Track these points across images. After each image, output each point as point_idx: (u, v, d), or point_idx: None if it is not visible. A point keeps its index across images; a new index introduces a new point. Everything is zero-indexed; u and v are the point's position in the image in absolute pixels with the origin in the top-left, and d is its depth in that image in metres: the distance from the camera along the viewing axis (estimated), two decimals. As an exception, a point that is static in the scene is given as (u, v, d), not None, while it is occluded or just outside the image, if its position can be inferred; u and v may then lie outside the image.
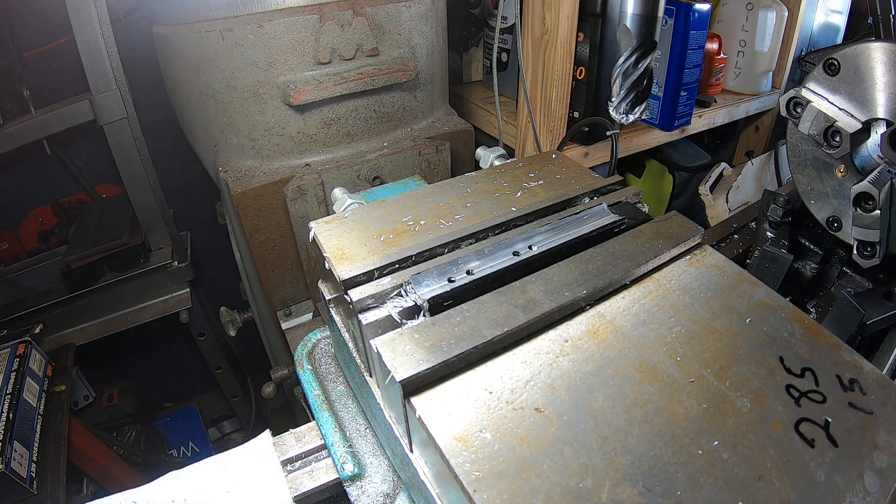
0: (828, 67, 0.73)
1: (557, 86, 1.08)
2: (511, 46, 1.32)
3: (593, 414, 0.42)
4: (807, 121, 0.75)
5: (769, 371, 0.47)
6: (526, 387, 0.44)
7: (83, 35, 1.16)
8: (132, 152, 1.34)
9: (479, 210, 0.64)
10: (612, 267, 0.54)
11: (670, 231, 0.59)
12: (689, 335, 0.49)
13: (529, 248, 0.59)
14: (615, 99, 0.84)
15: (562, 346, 0.48)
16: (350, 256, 0.56)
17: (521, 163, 0.75)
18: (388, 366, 0.43)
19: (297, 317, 1.18)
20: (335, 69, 0.99)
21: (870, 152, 0.73)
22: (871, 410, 0.45)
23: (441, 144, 1.13)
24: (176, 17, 0.98)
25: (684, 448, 0.40)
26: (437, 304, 0.51)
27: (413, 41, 1.06)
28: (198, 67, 0.97)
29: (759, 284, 0.55)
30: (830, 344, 0.50)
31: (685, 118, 1.34)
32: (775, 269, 0.82)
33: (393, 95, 1.08)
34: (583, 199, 0.67)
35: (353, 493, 0.60)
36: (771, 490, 0.39)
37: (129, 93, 1.27)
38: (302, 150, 1.05)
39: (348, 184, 1.05)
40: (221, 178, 1.04)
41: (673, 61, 1.23)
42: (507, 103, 1.35)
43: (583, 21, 1.06)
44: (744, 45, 1.49)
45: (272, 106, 0.99)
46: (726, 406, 0.44)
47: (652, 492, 0.38)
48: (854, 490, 0.40)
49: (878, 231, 0.70)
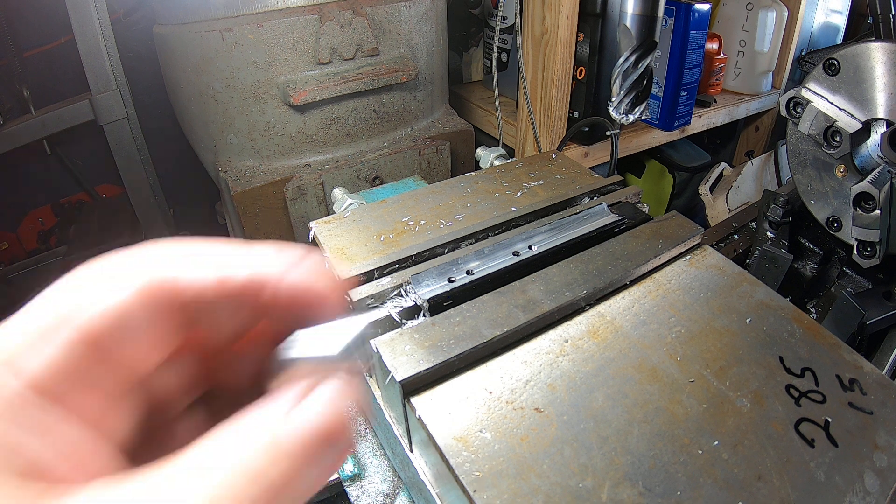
0: (828, 67, 0.73)
1: (557, 86, 1.08)
2: (511, 46, 1.32)
3: (593, 414, 0.42)
4: (807, 121, 0.75)
5: (769, 371, 0.47)
6: (526, 387, 0.44)
7: (83, 35, 1.16)
8: (132, 152, 1.33)
9: (479, 210, 0.64)
10: (612, 267, 0.54)
11: (670, 231, 0.59)
12: (689, 335, 0.49)
13: (529, 248, 0.59)
14: (615, 99, 0.84)
15: (562, 346, 0.48)
16: (350, 256, 0.56)
17: (521, 163, 0.75)
18: (388, 366, 0.43)
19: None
20: (335, 69, 0.99)
21: (870, 152, 0.73)
22: (871, 410, 0.45)
23: (441, 144, 1.13)
24: (176, 17, 0.98)
25: (684, 448, 0.41)
26: (437, 304, 0.51)
27: (413, 41, 1.06)
28: (198, 67, 0.97)
29: (759, 284, 0.55)
30: (830, 344, 0.50)
31: (685, 118, 1.34)
32: (775, 269, 0.82)
33: (393, 95, 1.08)
34: (583, 199, 0.67)
35: (353, 493, 0.60)
36: (771, 490, 0.39)
37: (129, 93, 1.27)
38: (302, 150, 1.05)
39: (348, 184, 1.05)
40: (221, 178, 1.04)
41: (673, 61, 1.23)
42: (507, 103, 1.35)
43: (583, 21, 1.05)
44: (744, 45, 1.49)
45: (272, 106, 0.99)
46: (726, 406, 0.44)
47: (652, 492, 0.38)
48: (854, 490, 0.40)
49: (878, 231, 0.70)
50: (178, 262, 0.21)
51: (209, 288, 0.21)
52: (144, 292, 0.20)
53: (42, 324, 0.19)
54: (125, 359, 0.20)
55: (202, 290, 0.21)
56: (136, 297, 0.20)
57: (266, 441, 0.18)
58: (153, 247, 0.21)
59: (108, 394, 0.20)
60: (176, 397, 0.25)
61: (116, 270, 0.21)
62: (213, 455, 0.18)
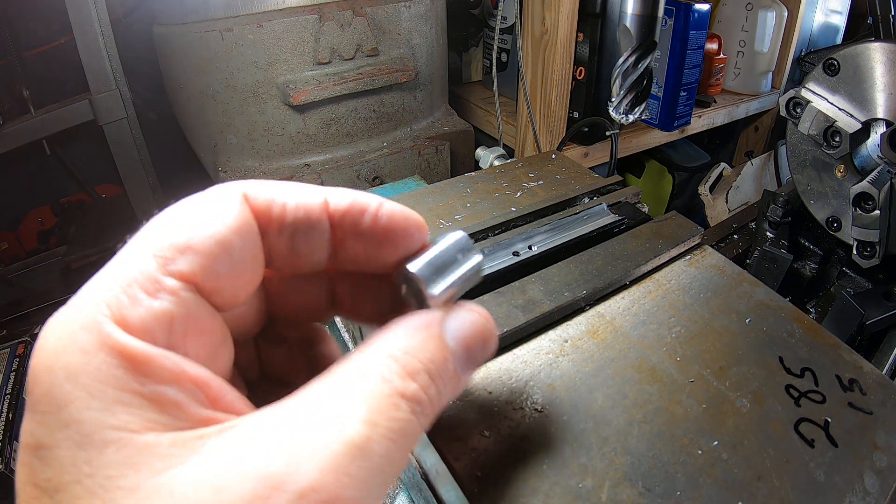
0: (827, 67, 0.73)
1: (557, 86, 1.08)
2: (511, 46, 1.32)
3: (593, 414, 0.42)
4: (806, 121, 0.75)
5: (769, 371, 0.47)
6: (526, 387, 0.44)
7: (83, 35, 1.16)
8: (132, 152, 1.33)
9: (478, 210, 0.64)
10: (612, 267, 0.54)
11: (670, 231, 0.59)
12: (688, 335, 0.49)
13: (529, 248, 0.59)
14: (615, 99, 0.84)
15: (562, 347, 0.48)
16: (350, 256, 0.56)
17: (521, 163, 0.75)
18: (388, 366, 0.43)
19: (297, 317, 1.18)
20: (335, 69, 0.99)
21: (869, 152, 0.73)
22: (870, 410, 0.45)
23: (441, 144, 1.13)
24: (176, 17, 0.98)
25: (684, 448, 0.41)
26: (436, 304, 0.51)
27: (413, 41, 1.06)
28: (198, 67, 0.97)
29: (758, 284, 0.55)
30: (830, 344, 0.50)
31: (685, 118, 1.34)
32: (775, 269, 0.82)
33: (393, 95, 1.08)
34: (582, 199, 0.67)
35: (353, 494, 0.60)
36: (771, 490, 0.39)
37: (129, 93, 1.27)
38: (302, 150, 1.05)
39: (348, 184, 1.05)
40: (221, 178, 1.04)
41: (673, 61, 1.23)
42: (507, 103, 1.35)
43: (583, 21, 1.05)
44: (743, 46, 1.49)
45: (272, 106, 0.99)
46: (726, 406, 0.44)
47: (651, 492, 0.38)
48: (854, 490, 0.40)
49: (877, 231, 0.70)
50: (277, 189, 0.22)
51: (315, 209, 0.22)
52: (246, 216, 0.20)
53: (145, 270, 0.18)
54: (228, 294, 0.20)
55: (309, 211, 0.22)
56: (242, 222, 0.20)
57: (435, 333, 0.21)
58: (246, 182, 0.22)
59: (216, 333, 0.20)
60: (248, 329, 0.25)
61: (219, 196, 0.21)
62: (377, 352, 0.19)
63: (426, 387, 0.19)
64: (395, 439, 0.17)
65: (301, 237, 0.22)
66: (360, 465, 0.16)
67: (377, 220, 0.23)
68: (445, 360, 0.20)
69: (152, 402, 0.16)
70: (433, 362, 0.20)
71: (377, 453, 0.17)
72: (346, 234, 0.23)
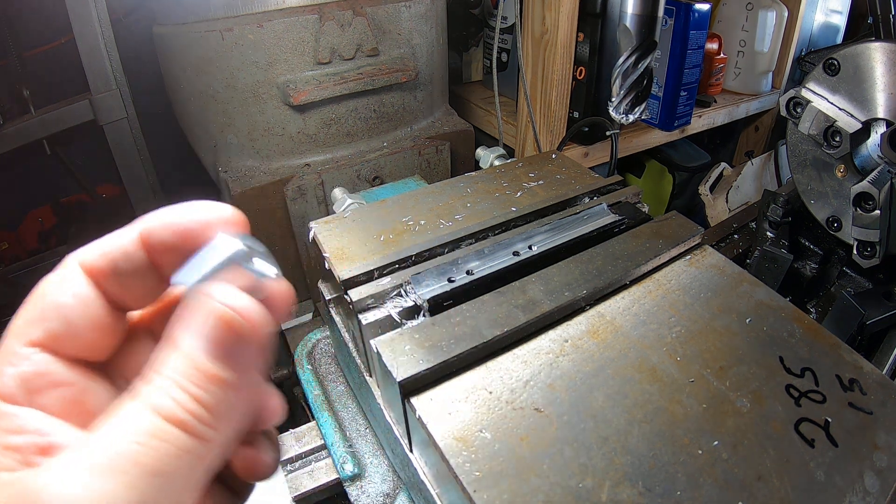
0: (828, 67, 0.73)
1: (557, 86, 1.08)
2: (511, 46, 1.32)
3: (593, 414, 0.42)
4: (806, 121, 0.75)
5: (769, 371, 0.47)
6: (526, 387, 0.44)
7: (83, 35, 1.16)
8: (132, 152, 1.33)
9: (479, 210, 0.64)
10: (612, 267, 0.54)
11: (670, 231, 0.59)
12: (689, 335, 0.49)
13: (529, 248, 0.59)
14: (615, 99, 0.84)
15: (562, 346, 0.48)
16: (350, 256, 0.56)
17: (521, 163, 0.75)
18: (388, 366, 0.43)
19: (297, 317, 1.18)
20: (335, 69, 0.99)
21: (870, 152, 0.73)
22: (870, 410, 0.45)
23: (441, 144, 1.13)
24: (176, 17, 0.98)
25: (684, 448, 0.41)
26: (436, 304, 0.51)
27: (413, 41, 1.06)
28: (198, 67, 0.97)
29: (759, 284, 0.55)
30: (830, 344, 0.50)
31: (685, 118, 1.34)
32: (775, 269, 0.82)
33: (393, 95, 1.08)
34: (583, 199, 0.67)
35: (353, 493, 0.60)
36: (771, 490, 0.39)
37: (129, 93, 1.26)
38: (302, 150, 1.05)
39: (348, 184, 1.05)
40: (221, 178, 1.04)
41: (673, 61, 1.23)
42: (507, 103, 1.35)
43: (583, 21, 1.05)
44: (744, 45, 1.49)
45: (272, 106, 0.99)
46: (726, 406, 0.44)
47: (652, 492, 0.38)
48: (854, 490, 0.40)
49: (877, 231, 0.70)
50: (101, 244, 0.26)
51: (128, 245, 0.25)
52: (78, 279, 0.25)
53: (8, 347, 0.23)
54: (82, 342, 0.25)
55: (124, 248, 0.25)
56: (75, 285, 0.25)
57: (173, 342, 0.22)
58: (79, 250, 0.26)
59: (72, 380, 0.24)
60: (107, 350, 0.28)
61: (59, 269, 0.26)
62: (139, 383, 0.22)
63: (181, 400, 0.21)
64: (170, 453, 0.20)
65: (129, 273, 0.25)
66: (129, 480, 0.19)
67: (157, 239, 0.25)
68: (191, 367, 0.21)
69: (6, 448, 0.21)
70: (177, 371, 0.21)
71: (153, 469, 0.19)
72: (159, 251, 0.25)
